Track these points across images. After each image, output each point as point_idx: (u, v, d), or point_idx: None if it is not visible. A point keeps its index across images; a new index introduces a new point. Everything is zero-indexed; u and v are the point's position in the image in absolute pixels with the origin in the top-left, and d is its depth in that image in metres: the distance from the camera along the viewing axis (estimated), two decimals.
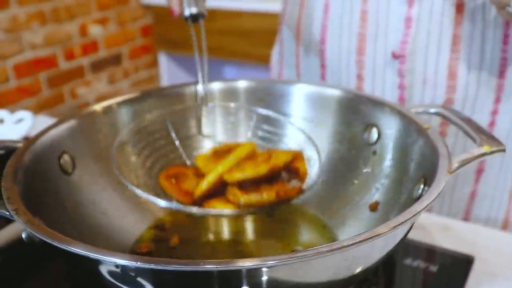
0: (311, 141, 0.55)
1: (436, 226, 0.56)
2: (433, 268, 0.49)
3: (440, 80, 0.59)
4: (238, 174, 0.47)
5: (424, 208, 0.35)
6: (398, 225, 0.33)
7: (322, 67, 0.67)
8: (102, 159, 0.52)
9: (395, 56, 0.60)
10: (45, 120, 0.88)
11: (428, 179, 0.41)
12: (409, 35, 0.58)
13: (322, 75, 0.68)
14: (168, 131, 0.57)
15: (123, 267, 0.31)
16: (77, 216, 0.46)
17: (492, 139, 0.43)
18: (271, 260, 0.29)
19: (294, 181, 0.49)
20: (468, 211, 0.67)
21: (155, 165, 0.55)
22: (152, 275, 0.32)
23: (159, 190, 0.53)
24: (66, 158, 0.48)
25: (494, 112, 0.60)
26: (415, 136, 0.47)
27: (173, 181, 0.52)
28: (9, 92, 1.79)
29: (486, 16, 0.55)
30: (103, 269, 0.33)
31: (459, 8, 0.56)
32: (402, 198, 0.46)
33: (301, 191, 0.49)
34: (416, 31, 0.58)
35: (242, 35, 2.05)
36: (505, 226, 0.68)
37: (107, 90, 2.20)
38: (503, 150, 0.42)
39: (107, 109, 0.54)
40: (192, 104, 0.58)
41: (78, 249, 0.31)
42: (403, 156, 0.48)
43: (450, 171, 0.39)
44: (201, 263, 0.29)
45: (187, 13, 0.54)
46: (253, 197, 0.47)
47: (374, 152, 0.52)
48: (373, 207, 0.49)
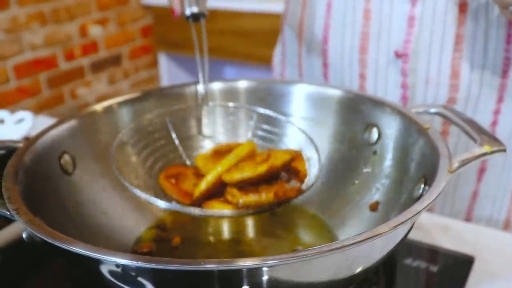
0: (311, 141, 0.55)
1: (436, 226, 0.56)
2: (434, 268, 0.49)
3: (443, 79, 0.59)
4: (237, 175, 0.47)
5: (425, 208, 0.35)
6: (398, 224, 0.33)
7: (325, 66, 0.67)
8: (102, 159, 0.52)
9: (398, 55, 0.60)
10: (45, 120, 0.88)
11: (428, 179, 0.41)
12: (412, 34, 0.58)
13: (325, 74, 0.68)
14: (168, 131, 0.57)
15: (124, 267, 0.31)
16: (78, 216, 0.46)
17: (493, 139, 0.43)
18: (271, 260, 0.30)
19: (294, 182, 0.48)
20: (470, 211, 0.67)
21: (155, 165, 0.55)
22: (153, 275, 0.32)
23: (159, 190, 0.53)
24: (66, 158, 0.48)
25: (497, 112, 0.60)
26: (416, 136, 0.47)
27: (173, 181, 0.52)
28: (9, 92, 1.79)
29: (489, 16, 0.55)
30: (104, 269, 0.33)
31: (462, 7, 0.56)
32: (403, 198, 0.46)
33: (300, 191, 0.49)
34: (419, 30, 0.58)
35: (243, 35, 2.05)
36: (507, 226, 0.68)
37: (107, 90, 2.20)
38: (504, 150, 0.42)
39: (108, 109, 0.54)
40: (192, 104, 0.58)
41: (79, 249, 0.31)
42: (403, 156, 0.49)
43: (450, 171, 0.39)
44: (202, 263, 0.29)
45: (188, 12, 0.54)
46: (252, 197, 0.47)
47: (375, 152, 0.52)
48: (374, 207, 0.49)
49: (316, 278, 0.33)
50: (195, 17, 0.55)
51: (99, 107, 0.53)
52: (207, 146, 0.59)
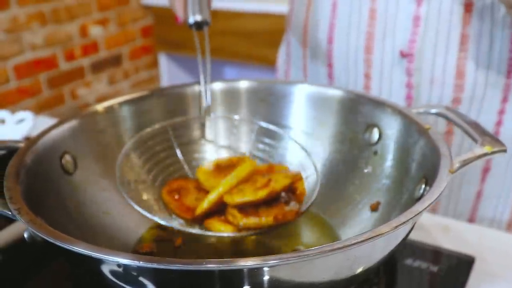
0: (310, 159, 0.56)
1: (437, 227, 0.56)
2: (434, 268, 0.49)
3: (448, 79, 0.59)
4: (238, 198, 0.48)
5: (426, 208, 0.35)
6: (399, 225, 0.33)
7: (329, 66, 0.67)
8: (103, 159, 0.52)
9: (403, 55, 0.60)
10: (45, 120, 0.88)
11: (429, 179, 0.41)
12: (417, 34, 0.58)
13: (329, 74, 0.68)
14: (170, 143, 0.57)
15: (126, 267, 0.31)
16: (79, 216, 0.46)
17: (494, 140, 0.43)
18: (272, 260, 0.30)
19: (293, 203, 0.49)
20: (473, 211, 0.67)
21: (157, 179, 0.55)
22: (154, 275, 0.32)
23: (161, 204, 0.53)
24: (67, 158, 0.48)
25: (502, 112, 0.60)
26: (416, 136, 0.47)
27: (176, 197, 0.53)
28: (9, 92, 1.79)
29: (494, 16, 0.55)
30: (105, 269, 0.33)
31: (468, 7, 0.56)
32: (403, 198, 0.46)
33: (299, 213, 0.50)
34: (425, 30, 0.58)
35: (243, 36, 2.05)
36: (510, 226, 0.68)
37: (107, 90, 2.20)
38: (504, 151, 0.42)
39: (109, 109, 0.54)
40: (195, 115, 0.58)
41: (80, 249, 0.31)
42: (404, 156, 0.49)
43: (451, 171, 0.39)
44: (203, 263, 0.29)
45: (191, 20, 0.54)
46: (252, 220, 0.48)
47: (375, 152, 0.52)
48: (374, 207, 0.49)
49: (318, 278, 0.33)
50: (198, 25, 0.55)
51: (100, 107, 0.53)
52: (208, 155, 0.59)
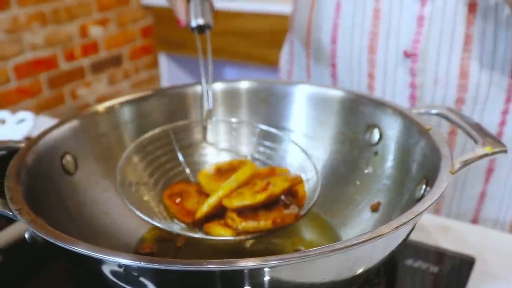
0: (311, 162, 0.56)
1: (437, 227, 0.56)
2: (434, 269, 0.49)
3: (452, 79, 0.59)
4: (237, 202, 0.48)
5: (426, 208, 0.35)
6: (400, 225, 0.33)
7: (333, 66, 0.67)
8: (104, 160, 0.52)
9: (407, 55, 0.60)
10: (46, 120, 0.88)
11: (430, 179, 0.41)
12: (421, 34, 0.58)
13: (333, 74, 0.68)
14: (170, 147, 0.57)
15: (126, 267, 0.31)
16: (80, 216, 0.46)
17: (494, 140, 0.43)
18: (273, 260, 0.30)
19: (292, 207, 0.49)
20: (477, 211, 0.67)
21: (158, 182, 0.55)
22: (155, 275, 0.32)
23: (162, 206, 0.53)
24: (68, 158, 0.48)
25: (505, 112, 0.60)
26: (417, 137, 0.47)
27: (177, 201, 0.53)
28: (10, 93, 1.79)
29: (498, 16, 0.55)
30: (106, 269, 0.33)
31: (472, 7, 0.56)
32: (404, 199, 0.46)
33: (299, 217, 0.50)
34: (429, 30, 0.58)
35: (243, 36, 2.05)
36: None
37: (107, 91, 2.20)
38: (505, 151, 0.42)
39: (110, 110, 0.54)
40: (196, 119, 0.59)
41: (81, 249, 0.31)
42: (404, 157, 0.49)
43: (452, 171, 0.39)
44: (204, 263, 0.29)
45: (193, 24, 0.54)
46: (251, 224, 0.48)
47: (376, 153, 0.52)
48: (375, 208, 0.49)
49: (318, 278, 0.33)
50: (201, 28, 0.55)
51: (101, 107, 0.53)
52: (210, 158, 0.59)
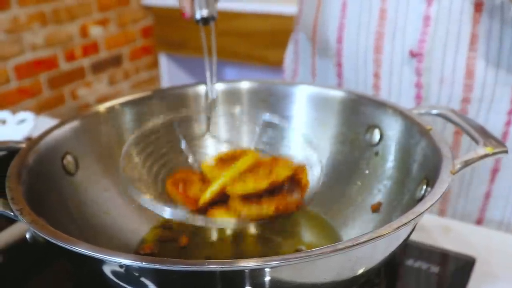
0: (314, 150, 0.55)
1: (438, 228, 0.56)
2: (435, 269, 0.49)
3: (458, 79, 0.59)
4: (239, 188, 0.48)
5: (427, 209, 0.35)
6: (401, 226, 0.33)
7: (338, 65, 0.67)
8: (105, 160, 0.52)
9: (413, 55, 0.60)
10: (46, 121, 0.88)
11: (430, 180, 0.41)
12: (427, 33, 0.58)
13: (339, 74, 0.68)
14: (173, 137, 0.57)
15: (127, 267, 0.31)
16: (80, 216, 0.46)
17: (495, 140, 0.43)
18: (274, 261, 0.30)
19: (296, 194, 0.49)
20: (482, 212, 0.67)
21: (160, 172, 0.55)
22: (156, 275, 0.32)
23: (165, 196, 0.53)
24: (69, 158, 0.48)
25: (511, 112, 0.60)
26: (418, 137, 0.47)
27: (180, 188, 0.52)
28: (10, 93, 1.79)
29: (504, 16, 0.55)
30: (107, 269, 0.33)
31: (478, 6, 0.56)
32: (405, 199, 0.46)
33: (301, 205, 0.50)
34: (435, 30, 0.58)
35: (243, 36, 2.05)
36: None
37: (107, 91, 2.20)
38: (506, 152, 0.42)
39: (110, 110, 0.54)
40: (199, 108, 0.58)
41: (82, 249, 0.31)
42: (405, 157, 0.49)
43: (452, 172, 0.39)
44: (205, 264, 0.29)
45: (198, 16, 0.54)
46: (254, 210, 0.48)
47: (376, 153, 0.52)
48: (376, 208, 0.49)
49: (319, 279, 0.34)
50: (205, 20, 0.55)
51: (102, 107, 0.53)
52: (212, 151, 0.58)
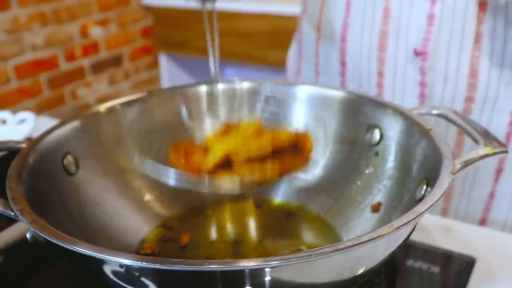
0: (317, 121, 0.55)
1: (438, 228, 0.56)
2: (435, 269, 0.49)
3: (461, 78, 0.59)
4: (243, 153, 0.47)
5: (427, 209, 0.35)
6: (401, 226, 0.33)
7: (342, 64, 0.67)
8: (105, 160, 0.52)
9: (417, 53, 0.60)
10: (46, 121, 0.88)
11: (430, 180, 0.41)
12: (431, 32, 0.58)
13: (342, 73, 0.68)
14: (175, 116, 0.57)
15: (128, 267, 0.31)
16: (81, 216, 0.46)
17: (495, 141, 0.43)
18: (274, 261, 0.30)
19: (299, 156, 0.48)
20: (485, 212, 0.66)
21: (162, 147, 0.55)
22: (156, 275, 0.32)
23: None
24: (69, 158, 0.48)
25: None
26: (418, 137, 0.47)
27: (183, 156, 0.51)
28: (10, 93, 1.79)
29: (508, 15, 0.55)
30: (108, 269, 0.33)
31: (482, 6, 0.56)
32: (405, 199, 0.46)
33: (306, 165, 0.49)
34: (439, 28, 0.58)
35: (243, 36, 2.05)
36: None
37: (107, 91, 2.20)
38: (506, 152, 0.42)
39: (111, 110, 0.54)
40: (203, 81, 0.58)
41: (82, 249, 0.31)
42: (405, 157, 0.49)
43: (453, 172, 0.39)
44: (206, 263, 0.29)
45: None
46: (258, 172, 0.47)
47: (376, 153, 0.52)
48: (376, 208, 0.49)
49: (319, 279, 0.34)
50: None
51: (102, 107, 0.53)
52: (215, 127, 0.58)
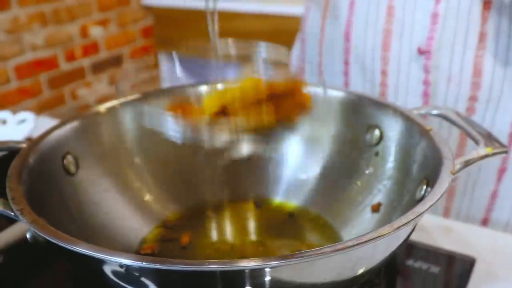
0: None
1: (438, 228, 0.56)
2: (435, 269, 0.49)
3: (465, 77, 0.59)
4: (239, 102, 0.46)
5: (427, 209, 0.35)
6: (401, 226, 0.33)
7: (346, 63, 0.67)
8: (105, 160, 0.52)
9: (421, 52, 0.60)
10: (47, 121, 0.88)
11: (430, 180, 0.41)
12: (435, 31, 0.58)
13: (345, 72, 0.68)
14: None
15: (128, 267, 0.31)
16: (81, 216, 0.46)
17: (495, 141, 0.43)
18: (274, 261, 0.30)
19: (296, 104, 0.47)
20: (488, 212, 0.66)
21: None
22: (156, 275, 0.32)
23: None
24: (69, 158, 0.48)
25: None
26: (418, 138, 0.47)
27: (180, 111, 0.50)
28: (10, 93, 1.79)
29: None
30: (108, 269, 0.33)
31: (486, 5, 0.56)
32: (405, 200, 0.46)
33: (304, 111, 0.48)
34: (443, 27, 0.58)
35: (242, 36, 2.04)
36: None
37: (107, 91, 2.20)
38: (506, 152, 0.42)
39: (111, 110, 0.54)
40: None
41: (83, 249, 0.31)
42: (405, 158, 0.49)
43: (452, 172, 0.39)
44: (206, 263, 0.29)
45: None
46: (254, 118, 0.46)
47: (376, 154, 0.52)
48: (376, 208, 0.49)
49: (319, 279, 0.34)
50: None
51: (102, 108, 0.53)
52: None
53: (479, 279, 0.48)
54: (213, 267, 0.29)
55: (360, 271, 0.36)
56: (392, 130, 0.51)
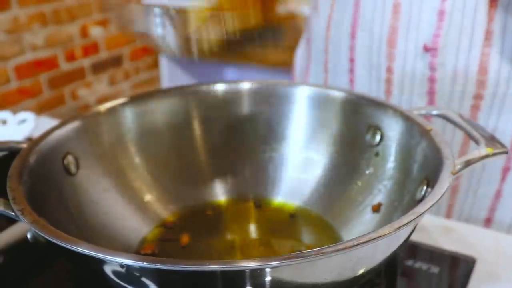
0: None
1: (438, 228, 0.56)
2: (435, 269, 0.49)
3: (471, 75, 0.59)
4: (227, 6, 0.45)
5: (428, 209, 0.35)
6: (401, 226, 0.33)
7: (351, 61, 0.67)
8: (105, 160, 0.52)
9: (427, 49, 0.60)
10: (47, 121, 0.88)
11: (431, 180, 0.41)
12: (441, 28, 0.58)
13: (351, 70, 0.68)
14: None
15: (128, 267, 0.31)
16: (81, 216, 0.46)
17: (495, 141, 0.43)
18: (275, 261, 0.30)
19: (284, 5, 0.46)
20: (491, 211, 0.66)
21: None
22: (157, 275, 0.32)
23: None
24: (70, 159, 0.48)
25: None
26: (418, 138, 0.47)
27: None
28: (10, 93, 1.79)
29: None
30: (108, 269, 0.33)
31: (493, 2, 0.56)
32: (405, 200, 0.46)
33: (292, 18, 0.47)
34: (449, 24, 0.58)
35: None
36: None
37: (107, 91, 2.20)
38: (505, 152, 0.42)
39: (111, 110, 0.54)
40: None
41: (83, 249, 0.31)
42: (406, 158, 0.49)
43: (453, 172, 0.39)
44: (206, 264, 0.29)
45: None
46: (241, 18, 0.45)
47: (377, 154, 0.52)
48: (376, 209, 0.49)
49: (320, 279, 0.34)
50: None
51: (102, 108, 0.53)
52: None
53: (479, 279, 0.48)
54: (214, 267, 0.29)
55: (361, 271, 0.36)
56: (393, 130, 0.51)
